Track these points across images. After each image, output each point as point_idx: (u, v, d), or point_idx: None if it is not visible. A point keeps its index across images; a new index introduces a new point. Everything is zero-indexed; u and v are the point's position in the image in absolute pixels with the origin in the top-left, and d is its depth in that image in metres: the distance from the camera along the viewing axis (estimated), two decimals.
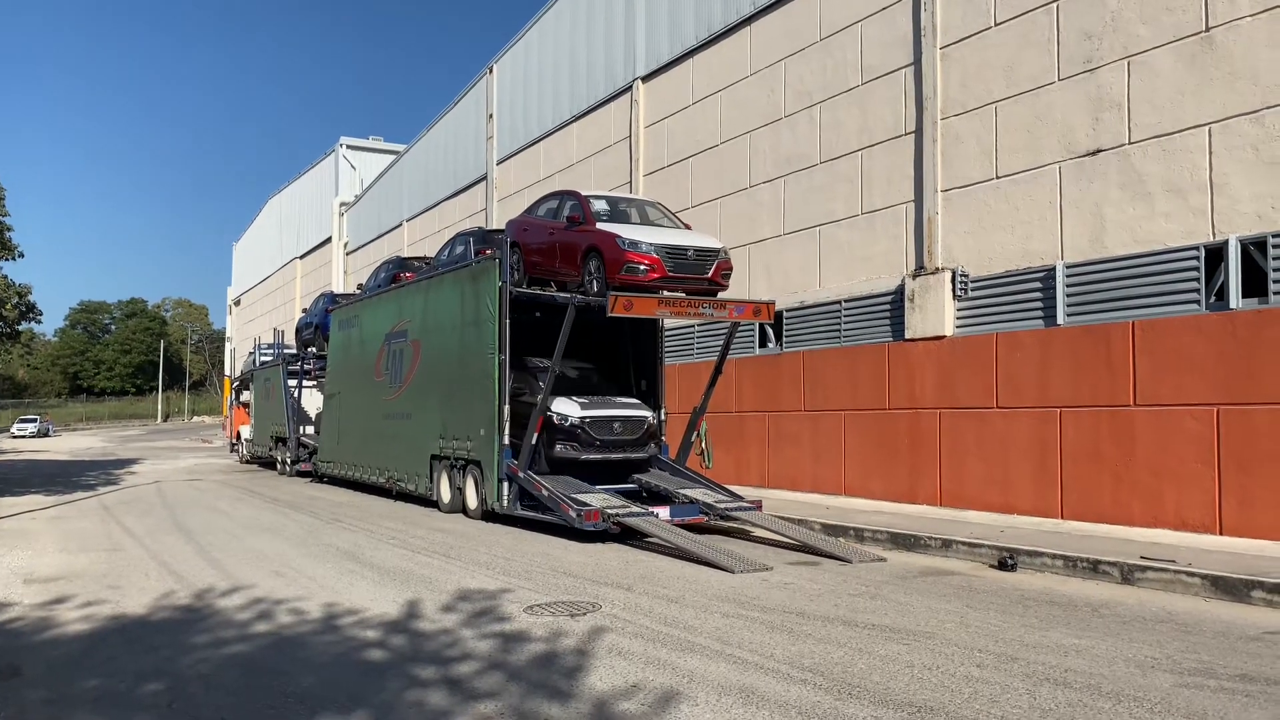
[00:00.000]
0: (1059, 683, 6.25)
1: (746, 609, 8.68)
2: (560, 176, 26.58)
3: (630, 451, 14.62)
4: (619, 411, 14.79)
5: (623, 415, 14.73)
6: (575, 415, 14.33)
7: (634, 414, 14.86)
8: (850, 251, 17.42)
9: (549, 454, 14.33)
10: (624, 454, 14.55)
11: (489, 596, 9.22)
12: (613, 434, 14.47)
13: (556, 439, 14.23)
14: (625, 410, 14.94)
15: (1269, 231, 11.34)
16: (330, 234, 49.22)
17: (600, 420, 14.45)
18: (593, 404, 14.75)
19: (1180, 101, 12.28)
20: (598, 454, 14.34)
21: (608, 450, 14.42)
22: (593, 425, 14.33)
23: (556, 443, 14.24)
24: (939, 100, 15.61)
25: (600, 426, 14.42)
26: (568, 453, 14.27)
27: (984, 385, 14.61)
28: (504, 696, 6.02)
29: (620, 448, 14.53)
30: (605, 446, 14.39)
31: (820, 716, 5.57)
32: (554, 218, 15.09)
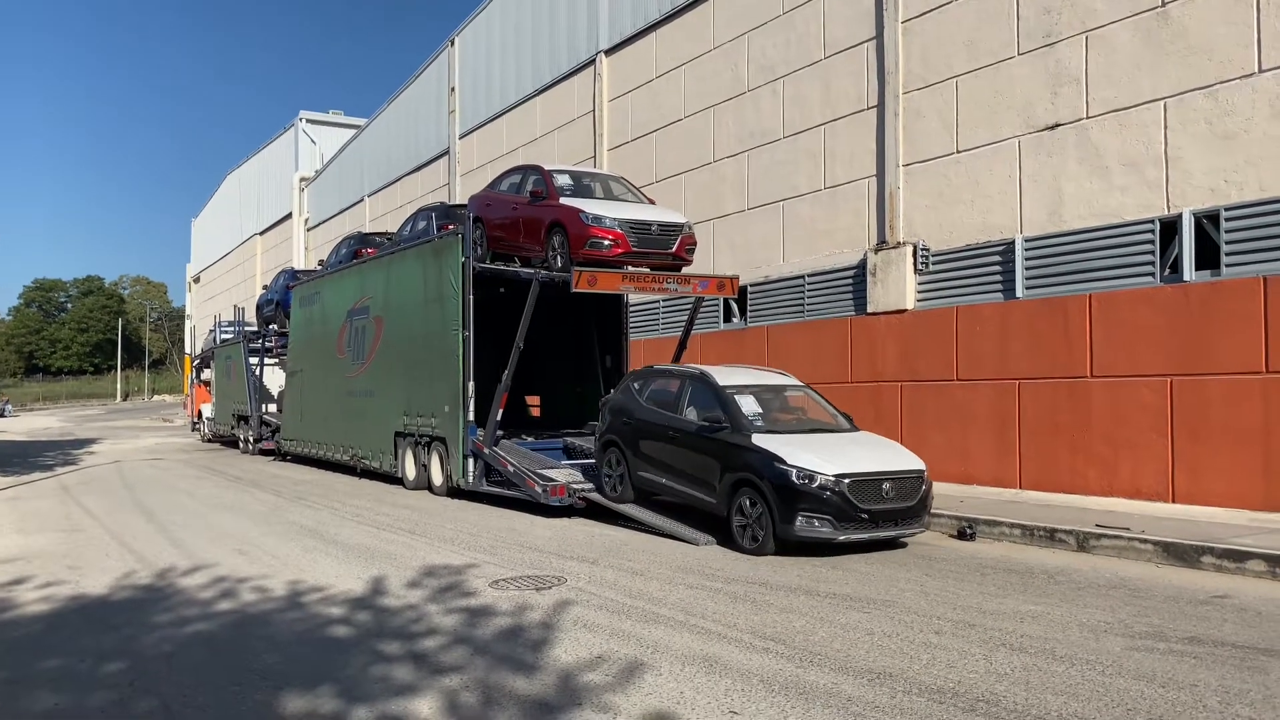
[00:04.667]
0: (1015, 648, 6.39)
1: (710, 580, 8.77)
2: (523, 151, 26.41)
3: (904, 525, 9.98)
4: (886, 465, 10.07)
5: (893, 472, 10.01)
6: (827, 474, 9.65)
7: (907, 468, 10.12)
8: (813, 226, 17.50)
9: (787, 530, 9.69)
10: (896, 529, 9.98)
11: (454, 572, 9.24)
12: (882, 500, 9.77)
13: (799, 509, 9.61)
14: (891, 462, 10.19)
15: (1221, 205, 11.55)
16: (291, 210, 48.57)
17: (865, 481, 9.75)
18: (837, 453, 10.08)
19: (1137, 76, 12.43)
20: (863, 532, 9.71)
21: (875, 526, 9.75)
22: (855, 489, 9.65)
23: (799, 514, 9.61)
24: (900, 74, 15.67)
25: (865, 490, 9.72)
26: (816, 531, 9.65)
27: (944, 358, 14.78)
28: (469, 670, 6.05)
29: (892, 520, 9.85)
30: (873, 520, 9.72)
31: (782, 684, 5.66)
32: (517, 192, 15.01)
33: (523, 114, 27.29)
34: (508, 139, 27.97)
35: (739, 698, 5.42)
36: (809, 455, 9.88)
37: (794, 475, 9.72)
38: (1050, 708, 5.18)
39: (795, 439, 10.42)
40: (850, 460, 9.97)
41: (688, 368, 12.41)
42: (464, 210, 16.49)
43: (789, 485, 9.72)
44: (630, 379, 12.97)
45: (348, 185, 41.85)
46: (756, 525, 10.02)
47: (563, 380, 18.52)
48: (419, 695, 5.58)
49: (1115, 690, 5.46)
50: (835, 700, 5.36)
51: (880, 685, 5.62)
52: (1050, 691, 5.45)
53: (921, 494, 10.09)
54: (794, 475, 9.72)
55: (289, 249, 48.14)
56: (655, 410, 11.96)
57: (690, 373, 11.90)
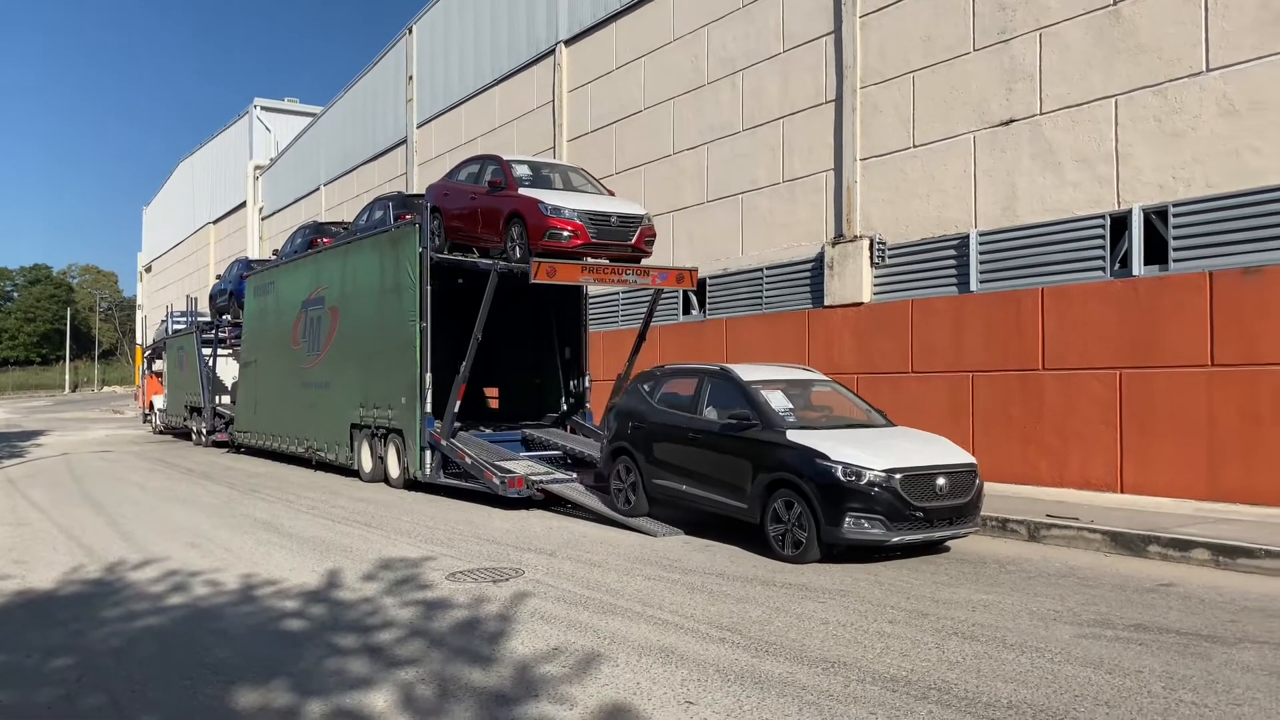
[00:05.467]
0: (966, 636, 6.49)
1: (668, 571, 8.81)
2: (482, 141, 26.23)
3: (958, 524, 9.16)
4: (937, 459, 9.27)
5: (946, 466, 9.19)
6: (876, 469, 8.81)
7: (960, 462, 9.35)
8: (772, 219, 17.58)
9: (834, 533, 8.83)
10: (950, 529, 9.12)
11: (411, 565, 9.19)
12: (936, 497, 8.94)
13: (847, 509, 8.75)
14: (942, 456, 9.40)
15: (1170, 201, 11.77)
16: (245, 198, 47.84)
17: (918, 476, 8.93)
18: (883, 447, 9.31)
19: (1089, 73, 12.62)
20: (918, 533, 8.89)
21: (929, 525, 8.92)
22: (908, 485, 8.81)
23: (846, 515, 8.75)
24: (859, 69, 15.77)
25: (918, 486, 8.89)
26: (867, 533, 8.79)
27: (900, 351, 14.94)
28: (426, 663, 6.02)
29: (946, 518, 9.01)
30: (927, 519, 8.88)
31: (738, 674, 5.70)
32: (475, 182, 14.92)
33: (482, 103, 27.10)
34: (466, 129, 27.76)
35: (695, 688, 5.46)
36: (854, 450, 9.01)
37: (840, 472, 8.79)
38: (1000, 695, 5.27)
39: (835, 434, 9.52)
40: (899, 454, 9.09)
41: (705, 365, 11.42)
42: (421, 200, 16.35)
43: (835, 483, 8.78)
44: (639, 381, 11.99)
45: (303, 174, 41.31)
46: (796, 530, 9.05)
47: (521, 372, 18.45)
48: (374, 688, 5.55)
49: (1063, 677, 5.57)
50: (790, 689, 5.41)
51: (834, 674, 5.68)
52: (1000, 679, 5.55)
53: (975, 490, 9.30)
54: (840, 472, 8.79)
55: (243, 238, 47.43)
56: (670, 412, 11.01)
57: (709, 370, 10.95)
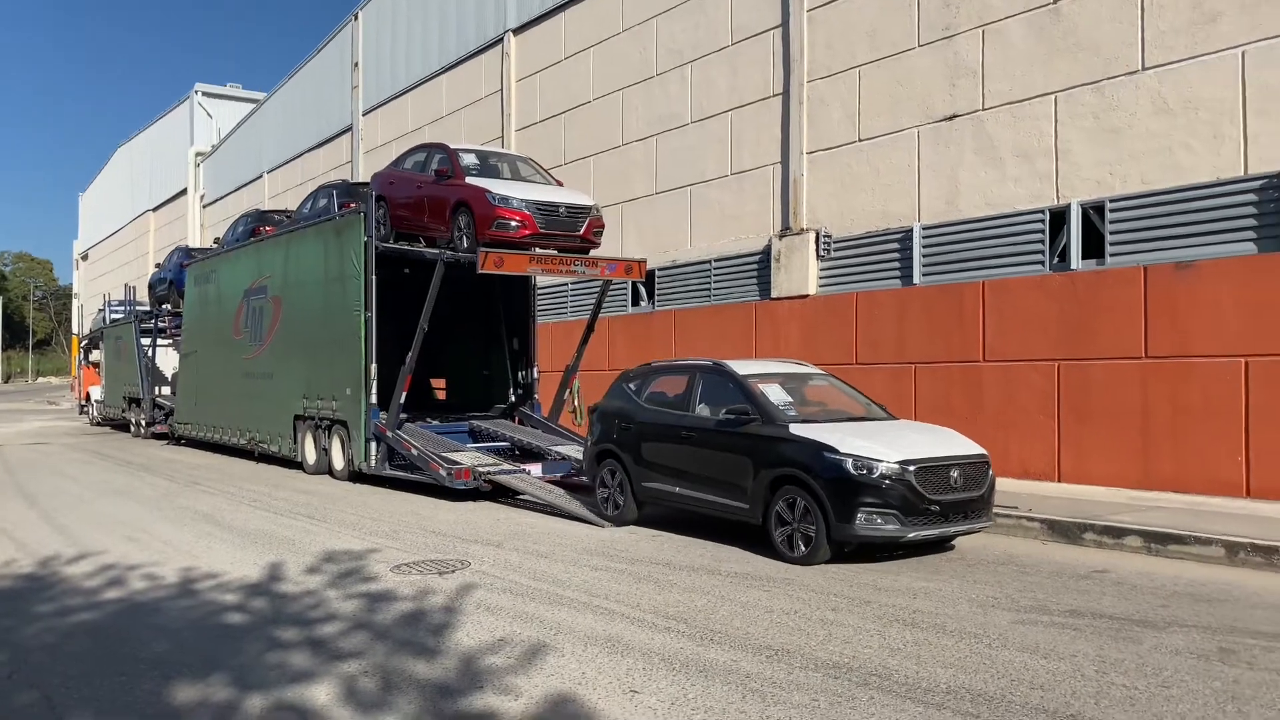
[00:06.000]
0: (907, 623, 6.60)
1: (615, 561, 8.83)
2: (429, 129, 25.95)
3: (973, 519, 8.77)
4: (950, 450, 8.91)
5: (960, 457, 8.83)
6: (890, 461, 8.41)
7: (972, 453, 9.00)
8: (721, 211, 17.66)
9: (845, 530, 8.36)
10: (965, 523, 8.75)
11: (355, 557, 9.10)
12: (950, 490, 8.55)
13: (859, 504, 8.31)
14: (954, 447, 9.05)
15: (1107, 196, 12.05)
16: (186, 185, 46.83)
17: (932, 468, 8.52)
18: (892, 439, 8.88)
19: (1030, 70, 12.85)
20: (933, 528, 8.51)
21: (945, 520, 8.55)
22: (922, 478, 8.42)
23: (859, 510, 8.31)
24: (806, 63, 15.89)
25: (933, 479, 8.49)
26: (880, 529, 8.35)
27: (844, 342, 15.10)
28: (369, 655, 5.97)
29: (961, 512, 8.63)
30: (943, 513, 8.50)
31: (683, 663, 5.73)
32: (422, 171, 14.78)
33: (429, 91, 26.81)
34: (413, 117, 27.46)
35: (640, 677, 5.48)
36: (864, 442, 8.58)
37: (850, 465, 8.36)
38: (939, 680, 5.37)
39: (840, 427, 9.10)
40: (910, 446, 8.68)
41: (697, 360, 11.11)
42: (367, 188, 16.16)
43: (845, 477, 8.35)
44: (623, 380, 11.39)
45: (246, 161, 40.55)
46: (803, 528, 8.60)
47: (469, 363, 18.33)
48: (316, 681, 5.49)
49: (1000, 662, 5.69)
50: (734, 677, 5.46)
51: (778, 661, 5.74)
52: (940, 665, 5.65)
53: (989, 482, 8.94)
54: (850, 465, 8.36)
55: (183, 226, 46.45)
56: (660, 411, 10.52)
57: (701, 365, 10.52)
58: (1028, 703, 4.99)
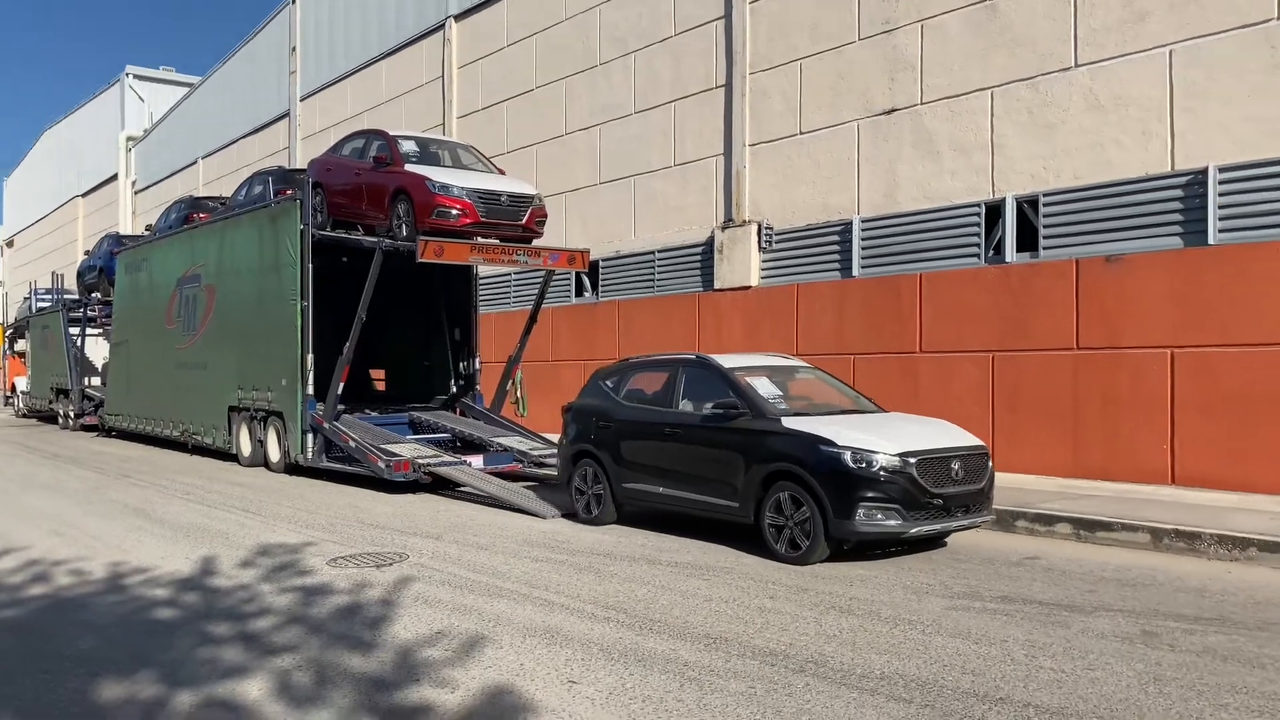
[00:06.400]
0: (844, 610, 6.69)
1: (556, 553, 8.81)
2: (369, 116, 25.56)
3: (974, 512, 8.46)
4: (949, 442, 8.58)
5: (959, 449, 8.52)
6: (889, 453, 8.06)
7: (971, 444, 8.68)
8: (664, 202, 17.67)
9: (845, 526, 7.97)
10: (967, 517, 8.41)
11: (290, 550, 8.95)
12: (952, 483, 8.23)
13: (859, 499, 7.94)
14: (952, 438, 8.72)
15: (1041, 190, 12.29)
16: (117, 171, 45.53)
17: (933, 460, 8.20)
18: (889, 431, 8.55)
19: (967, 65, 13.04)
20: (935, 522, 8.19)
21: (947, 514, 8.21)
22: (923, 470, 8.08)
23: (859, 505, 7.94)
24: (748, 54, 15.95)
25: (934, 471, 8.16)
26: (881, 525, 7.98)
27: (786, 334, 15.21)
28: (303, 649, 5.88)
29: (963, 506, 8.31)
30: (945, 506, 8.17)
31: (621, 652, 5.74)
32: (360, 158, 14.56)
33: (368, 77, 26.41)
34: (352, 103, 27.03)
35: (579, 667, 5.47)
36: (861, 434, 8.26)
37: (849, 458, 7.98)
38: (873, 666, 5.44)
39: (834, 420, 8.77)
40: (908, 438, 8.36)
41: (679, 355, 10.74)
42: (303, 175, 15.87)
43: (844, 471, 7.98)
44: (599, 377, 10.92)
45: (180, 147, 39.57)
46: (799, 526, 8.19)
47: (409, 353, 18.13)
48: (249, 676, 5.39)
49: (933, 648, 5.79)
50: (672, 666, 5.48)
51: (716, 650, 5.77)
52: (874, 651, 5.73)
53: (989, 474, 8.67)
54: (849, 458, 7.98)
55: (114, 212, 45.19)
56: (641, 408, 10.12)
57: (684, 360, 10.12)
58: (959, 687, 5.08)
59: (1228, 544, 8.25)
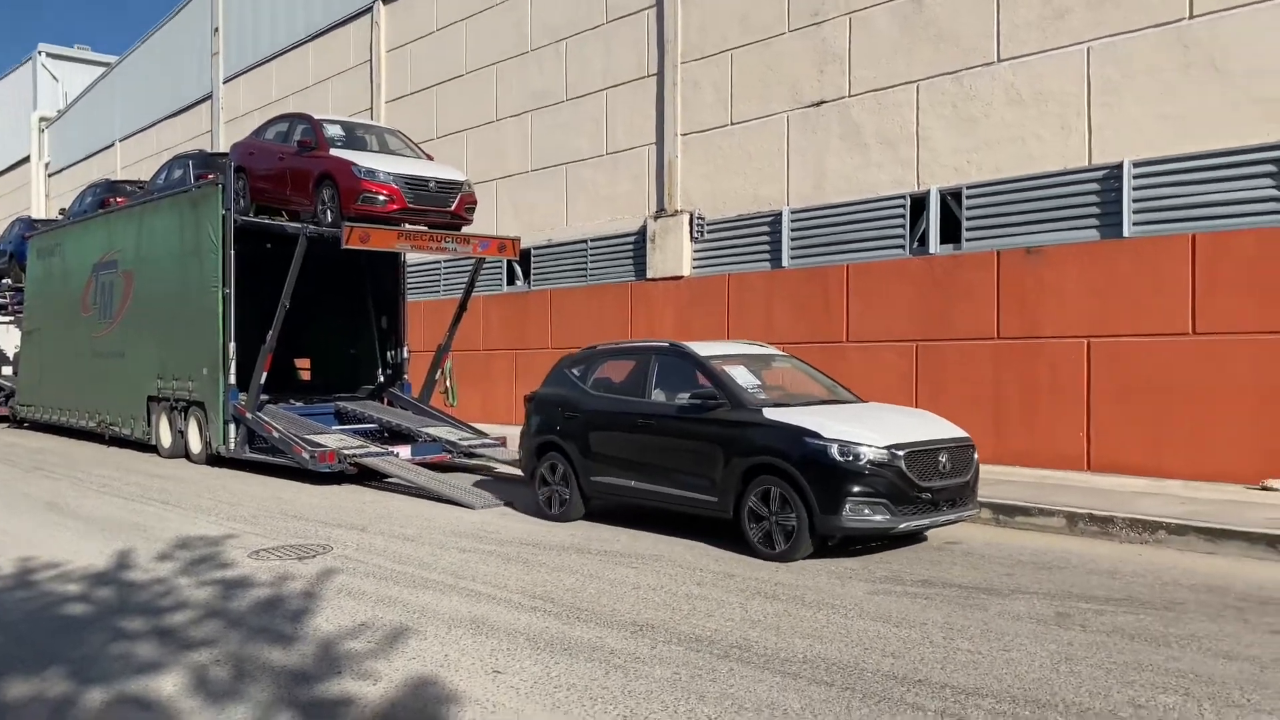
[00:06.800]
0: (769, 595, 6.76)
1: (484, 543, 8.74)
2: (295, 99, 24.99)
3: (961, 506, 8.29)
4: (935, 434, 8.37)
5: (946, 440, 8.32)
6: (877, 445, 7.80)
7: (956, 436, 8.49)
8: (596, 191, 17.61)
9: (831, 521, 7.69)
10: (954, 511, 8.23)
11: (210, 543, 8.74)
12: (940, 476, 8.01)
13: (847, 493, 7.66)
14: (939, 430, 8.52)
15: (964, 183, 12.53)
16: (29, 152, 43.82)
17: (921, 452, 7.97)
18: (874, 422, 8.32)
19: (894, 58, 13.22)
20: (923, 517, 7.95)
21: (935, 508, 7.99)
22: (912, 463, 7.83)
23: (846, 500, 7.65)
24: (679, 44, 15.95)
25: (922, 464, 7.92)
26: (869, 520, 7.71)
27: (717, 323, 15.30)
28: (221, 644, 5.75)
29: (950, 500, 8.12)
30: (933, 501, 7.95)
31: (547, 641, 5.72)
32: (284, 142, 14.24)
33: (294, 60, 25.82)
34: (278, 86, 26.41)
35: (504, 657, 5.45)
36: (845, 426, 7.96)
37: (835, 451, 7.70)
38: (796, 650, 5.51)
39: (816, 410, 8.51)
40: (894, 430, 8.10)
41: (650, 342, 10.29)
42: (225, 159, 15.46)
43: (830, 464, 7.68)
44: (564, 365, 10.44)
45: (96, 128, 38.23)
46: (781, 521, 7.89)
47: (335, 342, 17.80)
48: (163, 672, 5.26)
49: (855, 631, 5.88)
50: (598, 654, 5.48)
51: (642, 637, 5.79)
52: (798, 635, 5.80)
53: (975, 468, 8.48)
54: (835, 451, 7.70)
55: (26, 195, 43.52)
56: (611, 398, 9.68)
57: (656, 347, 9.70)
58: (879, 669, 5.17)
59: (1138, 528, 8.53)
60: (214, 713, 4.71)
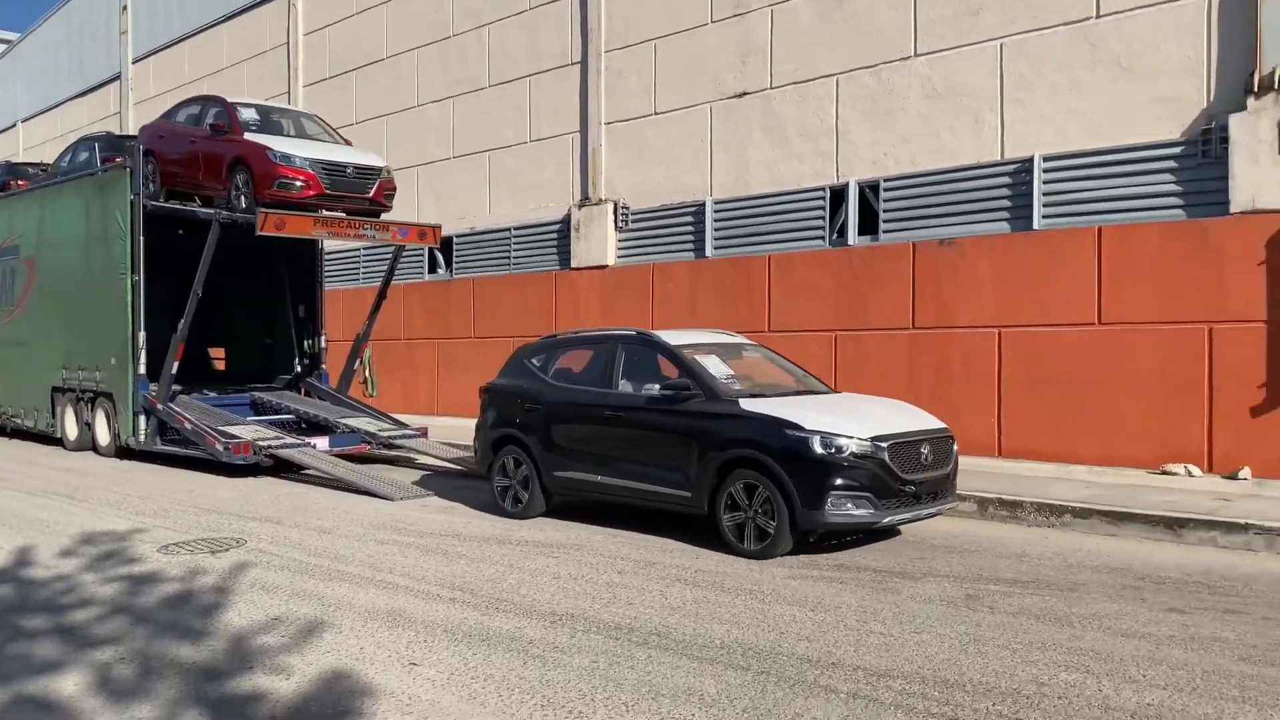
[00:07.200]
0: (688, 582, 6.81)
1: (403, 535, 8.64)
2: (209, 82, 24.26)
3: (942, 499, 8.09)
4: (916, 425, 8.19)
5: (927, 432, 8.11)
6: (860, 437, 7.56)
7: (936, 427, 8.31)
8: (520, 179, 17.48)
9: (813, 516, 7.43)
10: (935, 504, 8.01)
11: (118, 538, 8.48)
12: (922, 468, 7.80)
13: (830, 487, 7.40)
14: (918, 421, 8.34)
15: (881, 176, 12.75)
16: None
17: (905, 444, 7.77)
18: (853, 413, 8.10)
19: (815, 51, 13.37)
20: (906, 510, 7.70)
21: (917, 501, 7.78)
22: (896, 455, 7.61)
23: (829, 494, 7.40)
24: (603, 32, 15.90)
25: (906, 456, 7.71)
26: (852, 515, 7.47)
27: (642, 313, 15.32)
28: (128, 641, 5.59)
29: (932, 492, 7.90)
30: (916, 493, 7.73)
31: (465, 633, 5.69)
32: (196, 125, 13.84)
33: (208, 41, 25.07)
34: (191, 68, 25.61)
35: (420, 649, 5.39)
36: (826, 417, 7.72)
37: (818, 443, 7.44)
38: (714, 636, 5.57)
39: (793, 401, 8.25)
40: (875, 420, 7.90)
41: (617, 330, 9.82)
42: (134, 142, 14.95)
43: (812, 457, 7.42)
44: (523, 355, 10.01)
45: None
46: (760, 517, 7.60)
47: (251, 331, 17.37)
48: (64, 671, 5.09)
49: (772, 616, 5.96)
50: (517, 644, 5.46)
51: (561, 626, 5.79)
52: (716, 621, 5.86)
53: (955, 458, 8.31)
54: (818, 443, 7.44)
55: None
56: (575, 389, 9.26)
57: (623, 336, 9.29)
58: (794, 653, 5.26)
59: (1046, 511, 8.82)
60: (117, 712, 4.58)
